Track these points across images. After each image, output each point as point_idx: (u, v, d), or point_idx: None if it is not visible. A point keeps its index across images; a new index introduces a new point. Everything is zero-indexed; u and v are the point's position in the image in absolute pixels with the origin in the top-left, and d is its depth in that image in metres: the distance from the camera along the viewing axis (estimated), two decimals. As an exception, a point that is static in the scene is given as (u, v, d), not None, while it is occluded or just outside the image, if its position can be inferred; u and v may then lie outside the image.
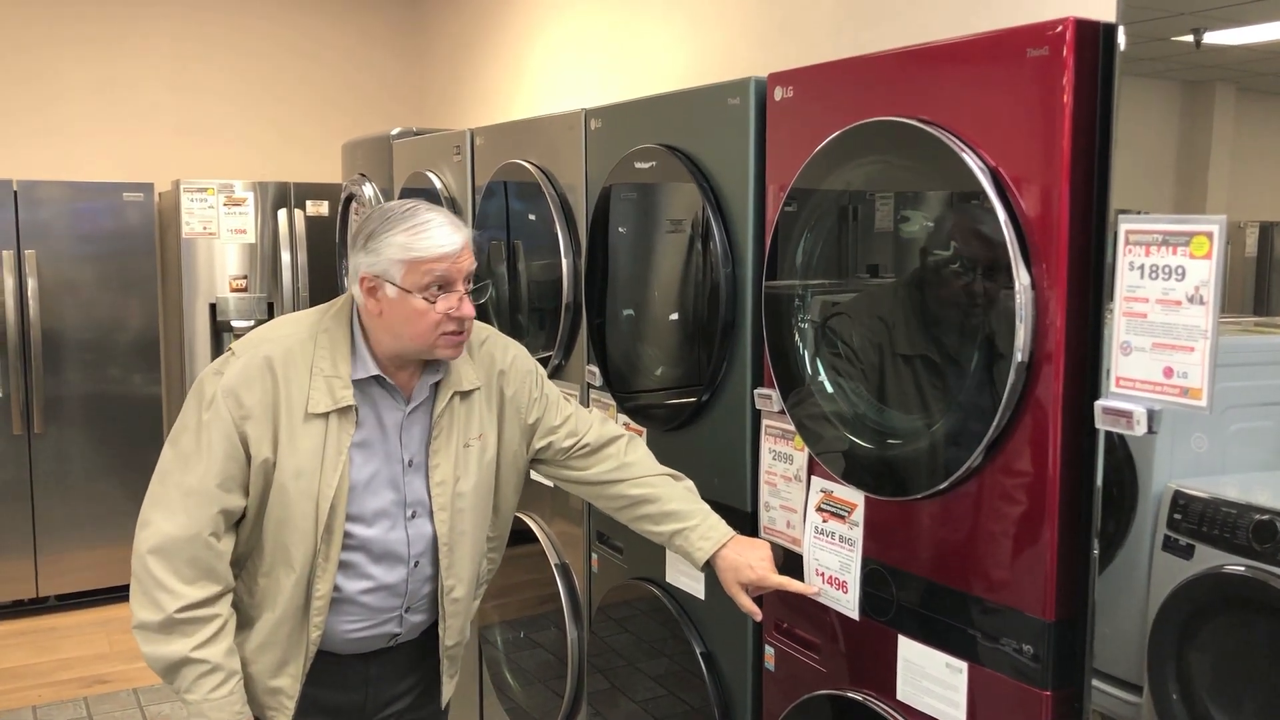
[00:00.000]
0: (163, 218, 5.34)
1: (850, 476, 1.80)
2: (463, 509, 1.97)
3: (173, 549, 1.78)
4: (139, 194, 5.02)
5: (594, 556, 2.66)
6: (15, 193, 4.76)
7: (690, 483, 2.07)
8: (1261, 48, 1.37)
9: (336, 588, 1.89)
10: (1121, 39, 1.41)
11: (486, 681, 3.29)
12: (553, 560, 2.82)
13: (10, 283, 4.73)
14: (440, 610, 2.01)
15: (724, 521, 1.98)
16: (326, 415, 1.85)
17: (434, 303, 1.83)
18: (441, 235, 1.84)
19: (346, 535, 1.87)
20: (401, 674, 2.07)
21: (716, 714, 2.17)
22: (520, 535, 2.98)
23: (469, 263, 1.88)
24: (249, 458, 1.82)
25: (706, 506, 2.02)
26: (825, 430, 1.84)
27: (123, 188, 4.99)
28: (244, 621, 1.90)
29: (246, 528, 1.87)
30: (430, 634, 2.06)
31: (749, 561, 1.91)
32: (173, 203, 5.14)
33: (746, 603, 1.92)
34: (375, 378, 1.89)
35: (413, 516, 1.93)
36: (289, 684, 1.92)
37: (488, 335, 2.08)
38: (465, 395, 1.98)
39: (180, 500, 1.80)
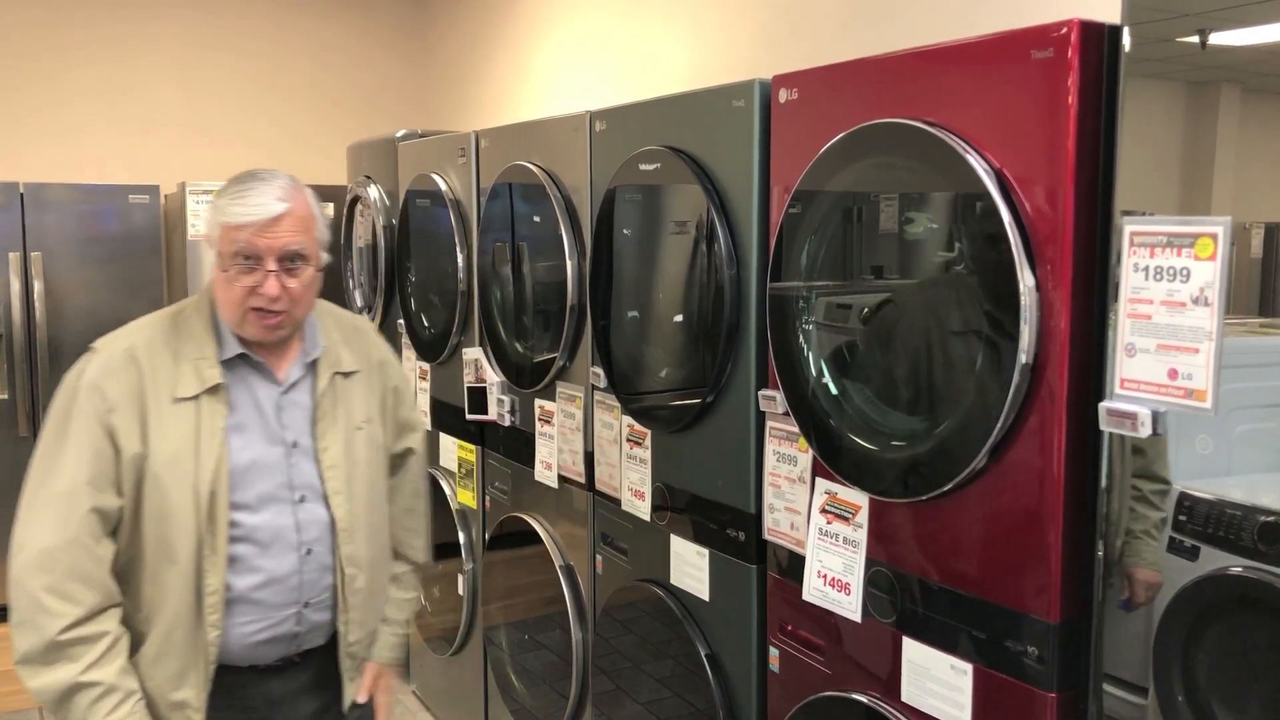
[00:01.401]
0: (168, 220, 5.35)
1: (854, 478, 1.80)
2: (359, 494, 1.91)
3: (49, 562, 1.68)
4: (145, 196, 5.03)
5: (598, 558, 2.66)
6: (21, 195, 4.77)
7: (412, 596, 2.16)
8: (1266, 48, 1.37)
9: (228, 586, 1.79)
10: (1126, 40, 1.41)
11: (491, 683, 3.29)
12: (557, 562, 2.83)
13: (16, 285, 4.74)
14: (342, 602, 1.90)
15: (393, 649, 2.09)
16: (197, 398, 1.77)
17: (235, 274, 1.75)
18: (252, 203, 1.74)
19: (232, 524, 1.79)
20: (306, 695, 1.96)
21: (721, 716, 2.17)
22: (525, 537, 2.98)
23: (286, 240, 1.76)
24: (118, 452, 1.74)
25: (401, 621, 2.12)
26: (830, 432, 1.84)
27: (128, 190, 5.00)
28: (136, 637, 1.79)
29: (125, 533, 1.77)
30: (334, 650, 1.96)
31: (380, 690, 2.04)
32: (178, 205, 5.15)
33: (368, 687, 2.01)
34: (242, 356, 1.82)
35: (301, 500, 1.85)
36: (193, 696, 1.81)
37: (365, 325, 2.07)
38: (346, 376, 1.94)
39: (52, 507, 1.70)
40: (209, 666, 1.81)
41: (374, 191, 4.08)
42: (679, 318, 2.26)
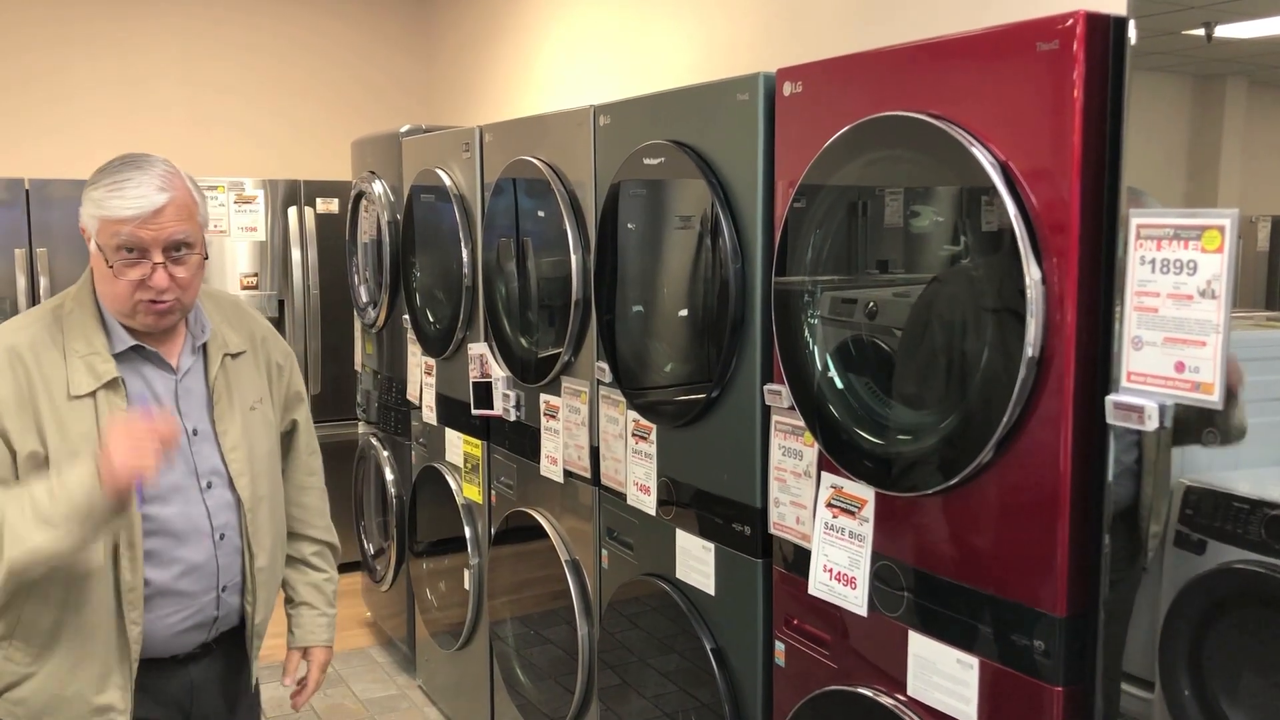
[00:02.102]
0: (173, 216, 5.35)
1: (860, 472, 1.80)
2: (260, 473, 1.93)
3: None
4: (149, 192, 5.03)
5: (604, 553, 2.66)
6: (27, 191, 4.78)
7: (330, 575, 2.20)
8: (1273, 41, 1.36)
9: (147, 580, 1.79)
10: (1132, 32, 1.40)
11: (497, 677, 3.30)
12: (563, 556, 2.83)
13: (22, 281, 4.74)
14: (249, 583, 1.93)
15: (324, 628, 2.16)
16: (93, 394, 1.75)
17: (120, 268, 1.73)
18: (133, 196, 1.71)
19: (145, 518, 1.78)
20: (222, 680, 2.00)
21: (727, 710, 2.17)
22: (530, 531, 2.98)
23: (171, 230, 1.74)
24: (13, 454, 1.72)
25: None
26: (836, 426, 1.84)
27: (133, 186, 5.01)
28: (50, 643, 1.77)
29: None
30: (243, 632, 2.00)
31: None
32: (183, 201, 5.15)
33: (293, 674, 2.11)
34: (135, 348, 1.81)
35: (209, 487, 1.86)
36: (118, 698, 1.80)
37: (243, 303, 2.09)
38: (235, 357, 1.94)
39: None
40: (133, 665, 1.81)
41: (379, 187, 4.08)
42: (684, 312, 2.26)
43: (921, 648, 1.72)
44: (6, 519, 1.65)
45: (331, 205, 5.28)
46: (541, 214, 2.83)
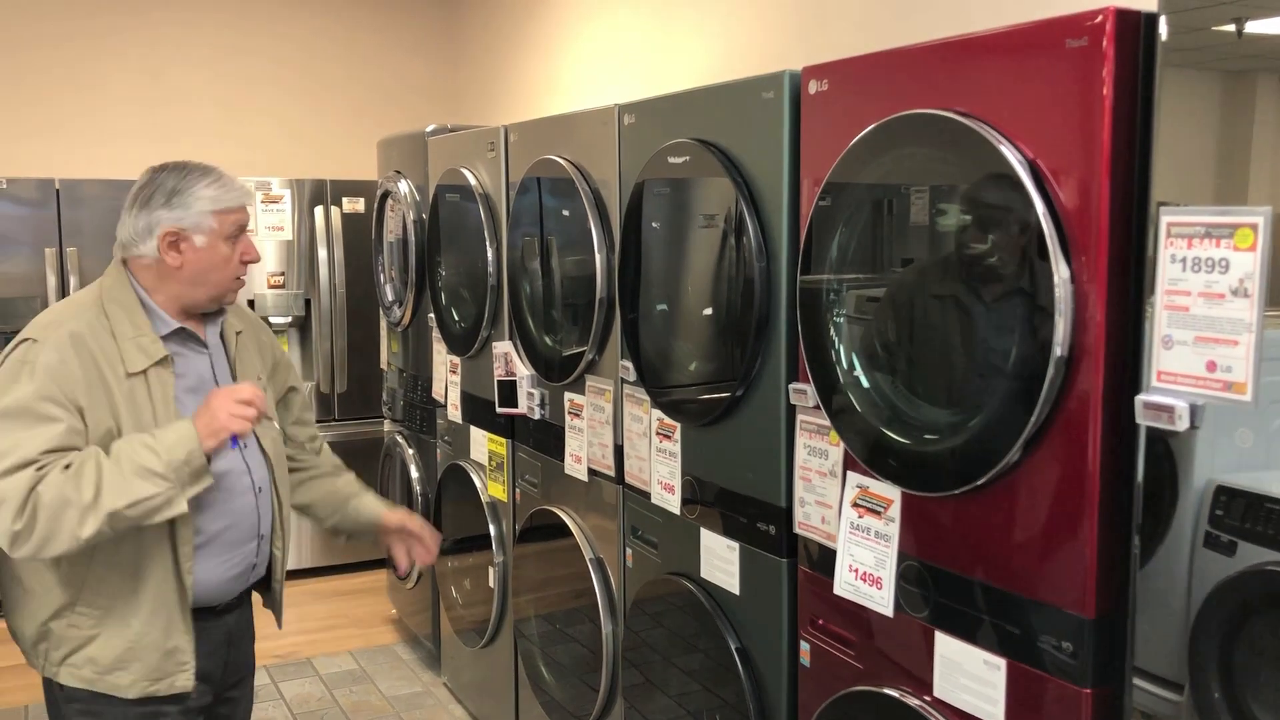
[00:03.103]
0: (200, 215, 5.39)
1: (887, 472, 1.79)
2: (275, 433, 2.21)
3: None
4: (177, 192, 5.07)
5: (628, 551, 2.66)
6: (57, 191, 4.83)
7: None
8: (1307, 36, 1.34)
9: (200, 530, 2.00)
10: (1163, 29, 1.39)
11: (521, 674, 3.30)
12: (587, 555, 2.83)
13: (53, 280, 4.79)
14: (279, 529, 2.18)
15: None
16: (145, 372, 1.97)
17: (232, 248, 2.05)
18: (232, 186, 2.07)
19: None
20: (247, 633, 2.26)
21: (751, 709, 2.16)
22: (554, 529, 2.99)
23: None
24: (86, 428, 1.90)
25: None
26: (861, 425, 1.83)
27: (161, 186, 5.05)
28: (114, 602, 1.97)
29: None
30: (269, 580, 2.25)
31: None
32: (210, 200, 5.19)
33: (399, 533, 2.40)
34: (177, 330, 2.05)
35: (245, 446, 2.09)
36: (183, 640, 2.02)
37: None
38: (239, 335, 2.21)
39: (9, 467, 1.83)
40: (188, 610, 2.02)
41: (404, 186, 4.09)
42: (708, 311, 2.26)
43: (948, 649, 1.71)
44: (104, 476, 1.83)
45: (357, 205, 5.31)
46: (566, 213, 2.83)
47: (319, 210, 5.25)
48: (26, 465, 1.83)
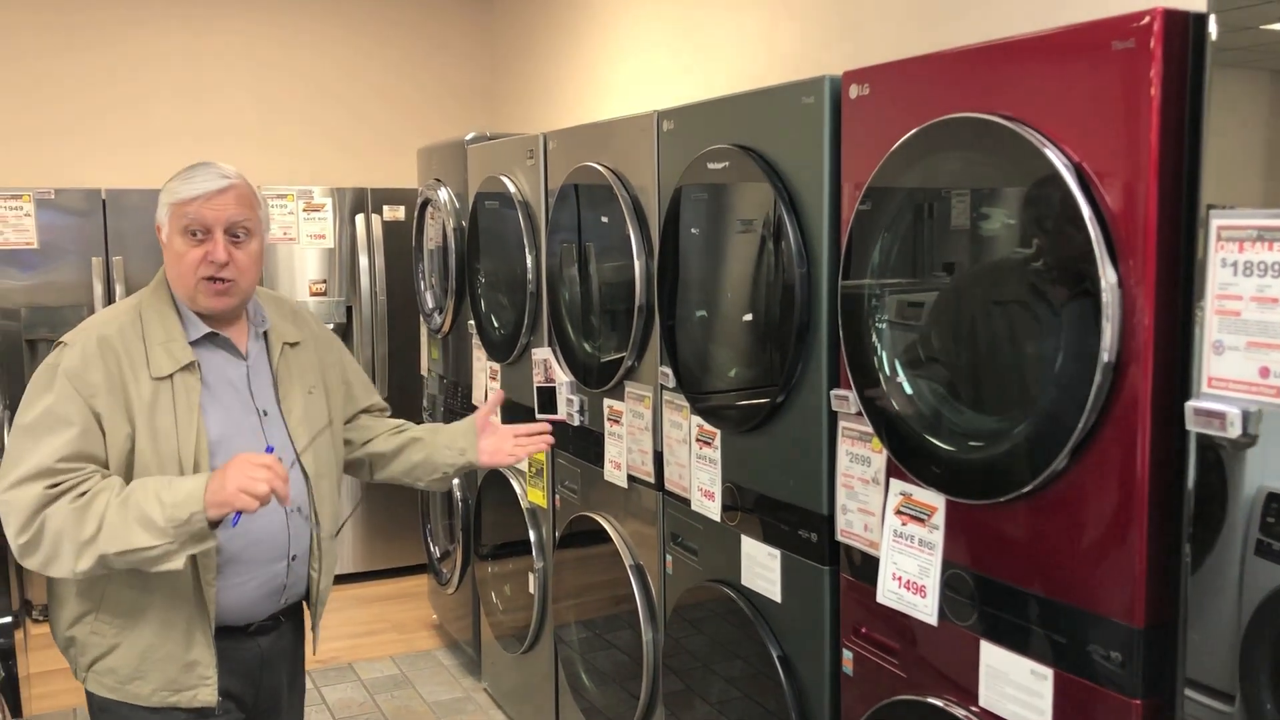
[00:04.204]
0: (243, 223, 5.45)
1: (930, 479, 1.77)
2: (320, 448, 2.13)
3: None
4: (221, 201, 5.13)
5: (669, 558, 2.66)
6: (103, 201, 4.90)
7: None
8: (1361, 35, 1.32)
9: (222, 548, 1.94)
10: (1213, 28, 1.37)
11: (561, 680, 3.30)
12: (627, 561, 2.83)
13: (99, 288, 4.87)
14: (315, 551, 2.11)
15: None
16: (171, 377, 1.93)
17: (185, 248, 1.93)
18: (200, 179, 1.95)
19: None
20: (288, 655, 2.20)
21: (793, 718, 2.15)
22: (594, 535, 2.99)
23: (232, 212, 1.96)
24: (104, 433, 1.89)
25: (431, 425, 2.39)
26: (904, 432, 1.81)
27: (205, 195, 5.11)
28: (134, 613, 1.95)
29: None
30: (301, 611, 2.21)
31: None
32: (253, 209, 5.25)
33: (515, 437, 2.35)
34: (209, 335, 2.01)
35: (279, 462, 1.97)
36: (204, 654, 1.98)
37: (300, 306, 2.30)
38: (293, 347, 2.15)
39: (22, 487, 1.83)
40: (210, 624, 1.97)
41: (444, 194, 4.12)
42: (748, 317, 2.25)
43: (994, 658, 1.69)
44: (108, 516, 1.80)
45: (398, 212, 5.35)
46: (605, 219, 2.83)
47: (360, 218, 5.29)
48: (40, 475, 1.82)
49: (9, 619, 2.90)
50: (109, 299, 4.88)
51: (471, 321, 3.86)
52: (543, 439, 2.39)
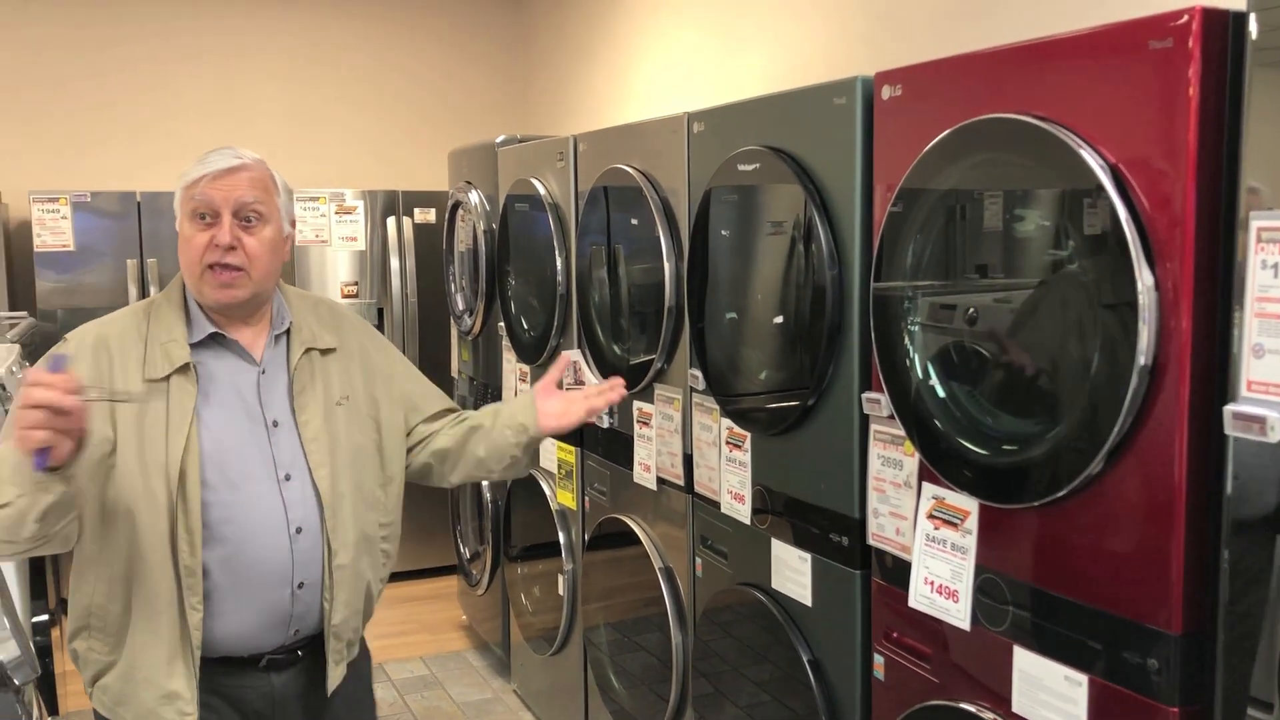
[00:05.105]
0: (276, 226, 5.50)
1: (963, 483, 1.76)
2: (343, 467, 1.90)
3: None
4: (254, 203, 5.18)
5: (698, 561, 2.65)
6: (138, 204, 4.96)
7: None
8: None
9: (210, 567, 1.78)
10: (1253, 27, 1.35)
11: (591, 682, 3.30)
12: (656, 564, 2.82)
13: (134, 291, 4.92)
14: (326, 579, 1.88)
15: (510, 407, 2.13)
16: (167, 379, 1.79)
17: (192, 232, 1.79)
18: (211, 159, 1.82)
19: (212, 505, 1.79)
20: (304, 698, 1.94)
21: (824, 722, 2.14)
22: (623, 538, 2.99)
23: (242, 192, 1.81)
24: None
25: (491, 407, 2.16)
26: (937, 435, 1.80)
27: (239, 198, 5.16)
28: (121, 631, 1.81)
29: (98, 516, 1.77)
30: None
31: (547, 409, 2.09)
32: (285, 211, 5.29)
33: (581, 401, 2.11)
34: (215, 336, 1.85)
35: (287, 479, 1.85)
36: (184, 686, 1.80)
37: (345, 311, 2.11)
38: (323, 354, 1.95)
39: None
40: (195, 653, 1.80)
41: (474, 196, 4.13)
42: (779, 319, 2.24)
43: (1027, 663, 1.68)
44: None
45: (429, 215, 5.37)
46: (635, 221, 2.83)
47: (391, 221, 5.32)
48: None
49: (45, 617, 2.93)
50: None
51: (501, 323, 3.87)
52: (614, 392, 2.15)
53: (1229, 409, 1.36)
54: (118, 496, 1.78)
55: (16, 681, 1.20)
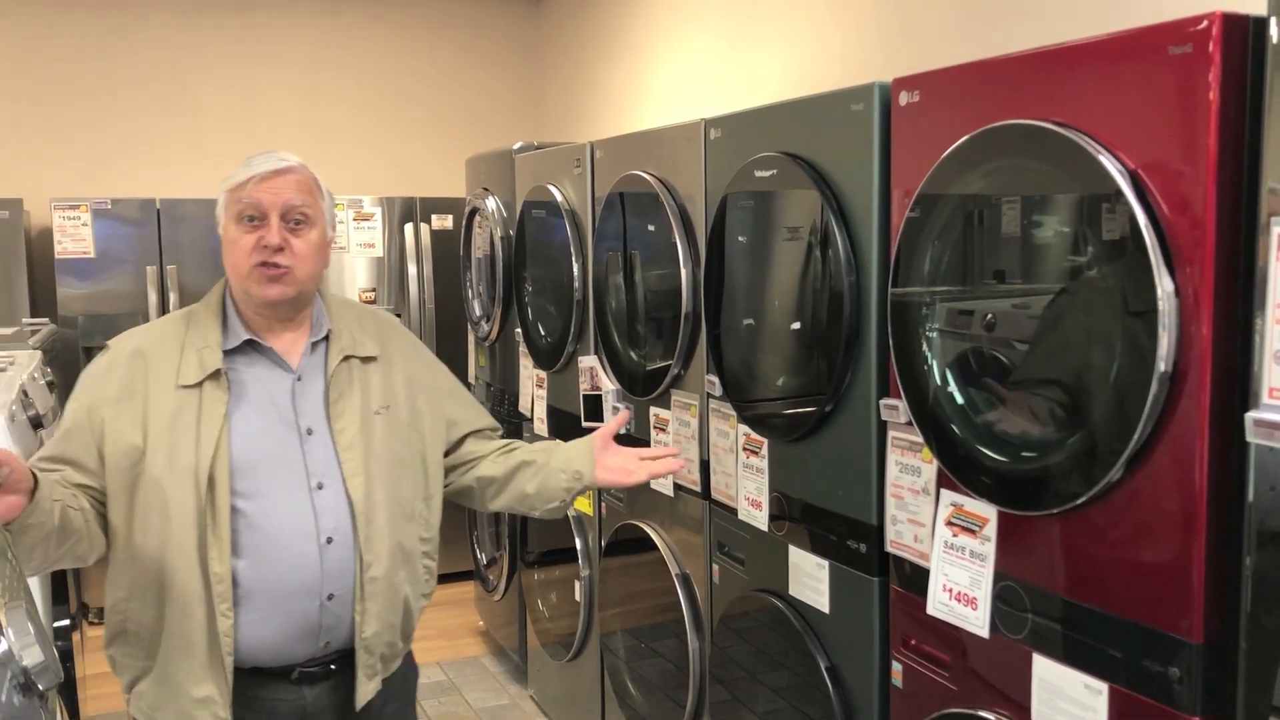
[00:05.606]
0: (294, 232, 5.53)
1: (982, 490, 1.75)
2: (378, 476, 1.88)
3: None
4: (272, 210, 5.21)
5: (715, 567, 2.65)
6: (158, 211, 4.99)
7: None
8: None
9: (240, 574, 1.78)
10: (1274, 32, 1.34)
11: (607, 688, 3.30)
12: (673, 570, 2.82)
13: (153, 296, 4.95)
14: (358, 590, 1.85)
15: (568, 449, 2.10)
16: (199, 385, 1.80)
17: (240, 233, 1.81)
18: (257, 162, 1.84)
19: (240, 512, 1.79)
20: (337, 712, 1.92)
21: (842, 730, 2.13)
22: (640, 544, 2.99)
23: (289, 195, 1.83)
24: (104, 440, 1.78)
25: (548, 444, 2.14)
26: (955, 442, 1.79)
27: (257, 204, 5.19)
28: (155, 637, 1.81)
29: (125, 523, 1.79)
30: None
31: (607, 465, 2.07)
32: (304, 218, 5.32)
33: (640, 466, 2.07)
34: (250, 343, 1.86)
35: (320, 488, 1.84)
36: (217, 692, 1.79)
37: (391, 321, 2.11)
38: (364, 361, 1.94)
39: None
40: (227, 659, 1.79)
41: (491, 203, 4.14)
42: (796, 325, 2.24)
43: (1046, 671, 1.67)
44: None
45: (446, 221, 5.39)
46: (651, 227, 2.83)
47: (409, 227, 5.34)
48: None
49: (66, 621, 2.95)
50: (163, 307, 4.96)
51: (518, 329, 3.87)
52: (674, 460, 2.13)
53: (1250, 416, 1.35)
54: (148, 502, 1.79)
55: (41, 687, 1.20)
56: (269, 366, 1.88)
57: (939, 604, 1.86)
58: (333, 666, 1.91)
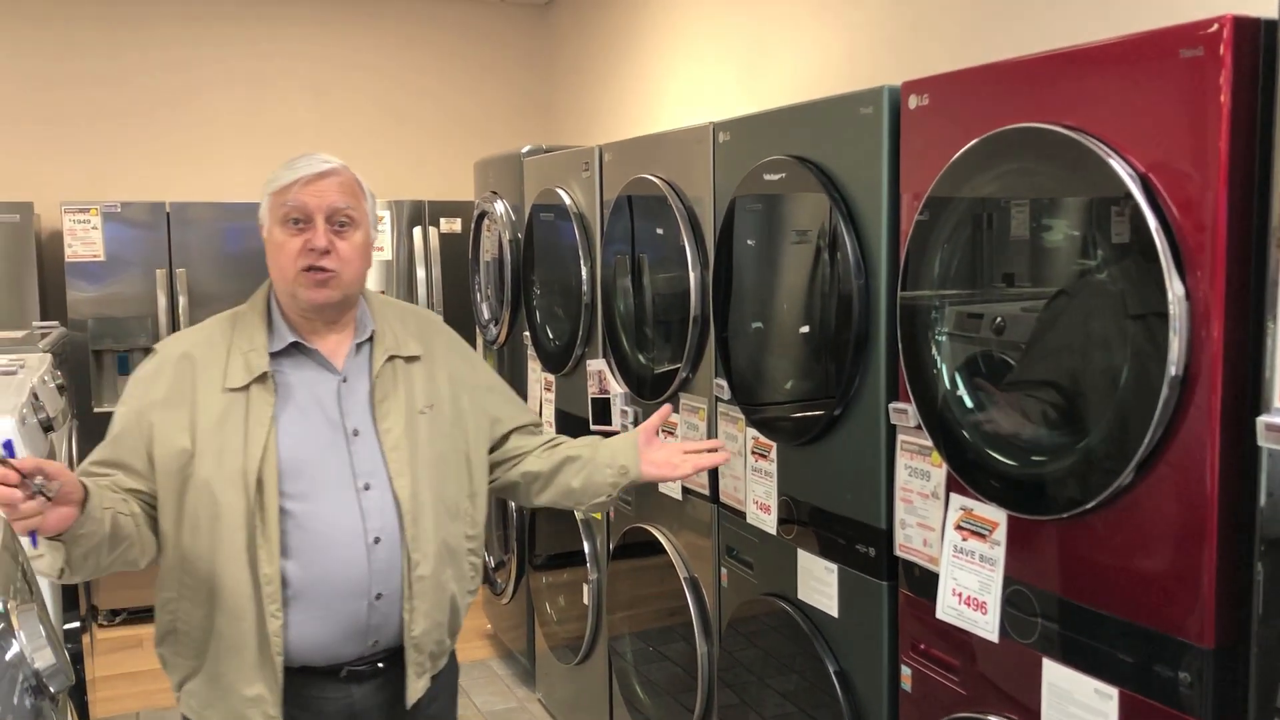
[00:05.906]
0: (303, 235, 5.54)
1: (992, 494, 1.75)
2: (424, 476, 1.89)
3: None
4: (281, 213, 5.22)
5: (723, 571, 2.65)
6: (167, 214, 5.00)
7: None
8: None
9: (288, 575, 1.80)
10: (1285, 35, 1.34)
11: (615, 692, 3.30)
12: (681, 573, 2.82)
13: (163, 300, 4.96)
14: (406, 589, 1.86)
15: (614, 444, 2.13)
16: (246, 388, 1.82)
17: (286, 237, 1.81)
18: (301, 165, 1.85)
19: (288, 513, 1.81)
20: (385, 711, 1.93)
21: (850, 734, 2.13)
22: (648, 547, 2.98)
23: (334, 198, 1.84)
24: (154, 444, 1.80)
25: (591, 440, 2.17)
26: (964, 446, 1.79)
27: (266, 207, 5.20)
28: (205, 637, 1.83)
29: (175, 525, 1.81)
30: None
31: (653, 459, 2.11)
32: (313, 221, 5.33)
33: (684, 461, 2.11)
34: (296, 345, 1.87)
35: (366, 488, 1.85)
36: (268, 691, 1.82)
37: (434, 320, 2.12)
38: (408, 361, 1.96)
39: None
40: (277, 659, 1.81)
41: (500, 206, 4.15)
42: (805, 328, 2.24)
43: (1057, 676, 1.66)
44: None
45: (455, 225, 5.40)
46: (660, 231, 2.83)
47: (417, 231, 5.35)
48: (81, 475, 1.72)
49: (76, 624, 2.96)
50: (172, 310, 4.97)
51: (527, 333, 3.88)
52: (719, 454, 2.18)
53: (1262, 420, 1.35)
54: (197, 505, 1.81)
55: (53, 689, 1.21)
56: (315, 368, 1.89)
57: (948, 608, 1.86)
58: (380, 665, 1.92)
